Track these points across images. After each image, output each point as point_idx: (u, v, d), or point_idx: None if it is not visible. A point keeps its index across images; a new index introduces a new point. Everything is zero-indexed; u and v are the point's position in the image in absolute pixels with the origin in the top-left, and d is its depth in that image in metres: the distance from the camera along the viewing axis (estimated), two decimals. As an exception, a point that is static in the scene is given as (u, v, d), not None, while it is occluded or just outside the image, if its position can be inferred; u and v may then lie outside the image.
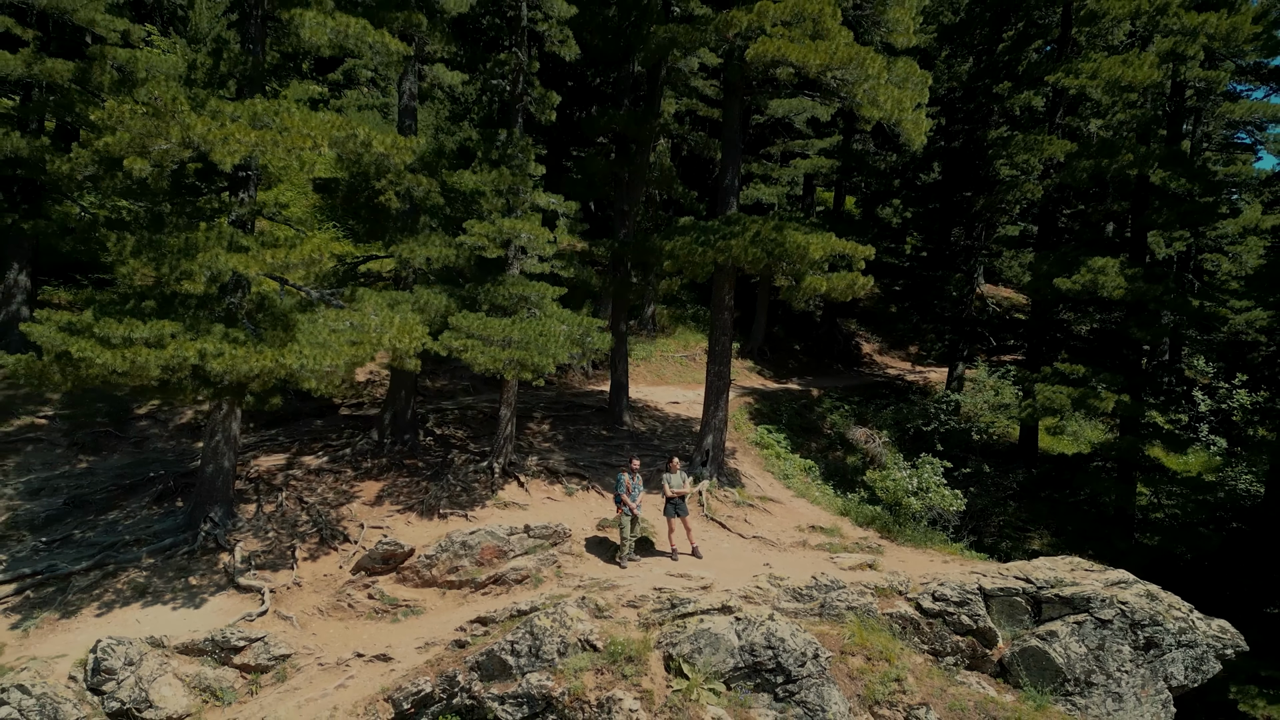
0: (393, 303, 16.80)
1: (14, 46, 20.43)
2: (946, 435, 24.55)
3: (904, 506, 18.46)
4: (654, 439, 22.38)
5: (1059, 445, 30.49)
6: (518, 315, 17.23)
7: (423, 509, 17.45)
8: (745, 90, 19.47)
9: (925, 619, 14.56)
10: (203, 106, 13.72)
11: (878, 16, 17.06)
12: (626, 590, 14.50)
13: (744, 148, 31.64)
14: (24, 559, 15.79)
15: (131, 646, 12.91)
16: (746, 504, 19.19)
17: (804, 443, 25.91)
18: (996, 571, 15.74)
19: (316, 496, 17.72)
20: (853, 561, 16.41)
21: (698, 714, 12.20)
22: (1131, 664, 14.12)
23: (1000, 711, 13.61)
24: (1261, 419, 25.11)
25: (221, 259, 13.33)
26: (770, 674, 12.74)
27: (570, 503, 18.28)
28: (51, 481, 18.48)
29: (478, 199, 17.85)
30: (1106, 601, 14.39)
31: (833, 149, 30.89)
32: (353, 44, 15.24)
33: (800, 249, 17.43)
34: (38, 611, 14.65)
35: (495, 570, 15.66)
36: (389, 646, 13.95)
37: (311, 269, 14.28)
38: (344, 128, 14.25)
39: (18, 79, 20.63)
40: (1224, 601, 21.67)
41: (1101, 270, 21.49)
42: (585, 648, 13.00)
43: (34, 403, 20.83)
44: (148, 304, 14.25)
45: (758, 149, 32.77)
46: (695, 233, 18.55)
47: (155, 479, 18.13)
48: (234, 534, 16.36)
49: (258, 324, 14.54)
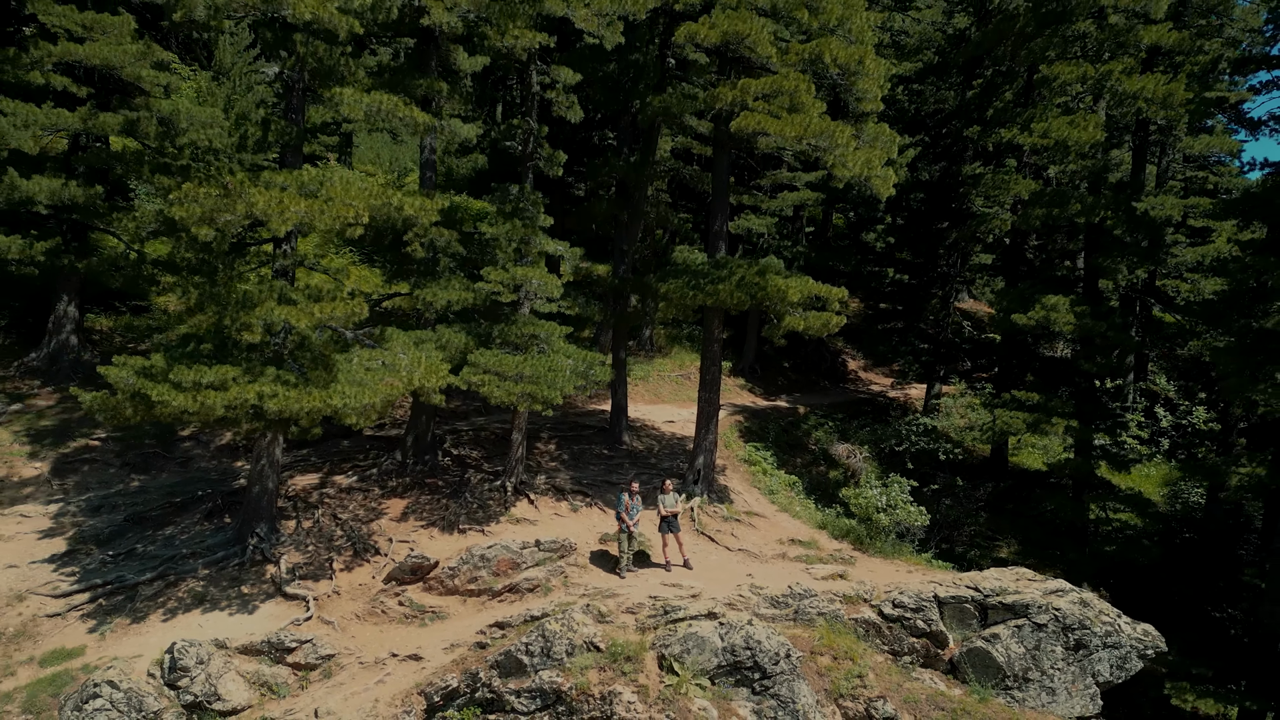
0: (418, 341, 18.91)
1: (71, 103, 22.50)
2: (918, 455, 26.69)
3: (874, 521, 20.60)
4: (651, 457, 24.53)
5: (1028, 460, 32.67)
6: (529, 352, 19.35)
7: (444, 525, 19.57)
8: (732, 146, 21.58)
9: (886, 623, 16.69)
10: (258, 177, 15.84)
11: (849, 86, 19.15)
12: (625, 598, 16.61)
13: (735, 179, 33.79)
14: (94, 570, 17.90)
15: (201, 648, 15.03)
16: (734, 519, 21.35)
17: (789, 459, 28.08)
18: (951, 581, 17.87)
19: (349, 513, 19.85)
20: (825, 572, 18.54)
21: (686, 705, 14.33)
22: (1063, 662, 16.26)
23: (948, 704, 15.75)
24: (1203, 441, 27.28)
25: (276, 312, 15.43)
26: (749, 671, 14.86)
27: (575, 518, 20.42)
28: (109, 499, 20.59)
29: (492, 245, 19.97)
30: (1043, 608, 16.53)
31: (819, 181, 33.06)
32: (384, 118, 17.36)
33: (780, 292, 19.58)
34: (111, 617, 16.77)
35: (510, 580, 17.77)
36: (419, 648, 16.07)
37: (350, 319, 16.36)
38: (380, 196, 16.36)
39: (74, 132, 22.72)
40: (1166, 607, 23.83)
41: (1054, 308, 23.68)
42: (590, 649, 15.12)
43: (87, 425, 22.90)
44: (205, 347, 16.41)
45: (748, 180, 34.89)
46: (686, 276, 20.68)
47: (204, 497, 20.24)
48: (278, 548, 18.48)
49: (302, 364, 16.64)
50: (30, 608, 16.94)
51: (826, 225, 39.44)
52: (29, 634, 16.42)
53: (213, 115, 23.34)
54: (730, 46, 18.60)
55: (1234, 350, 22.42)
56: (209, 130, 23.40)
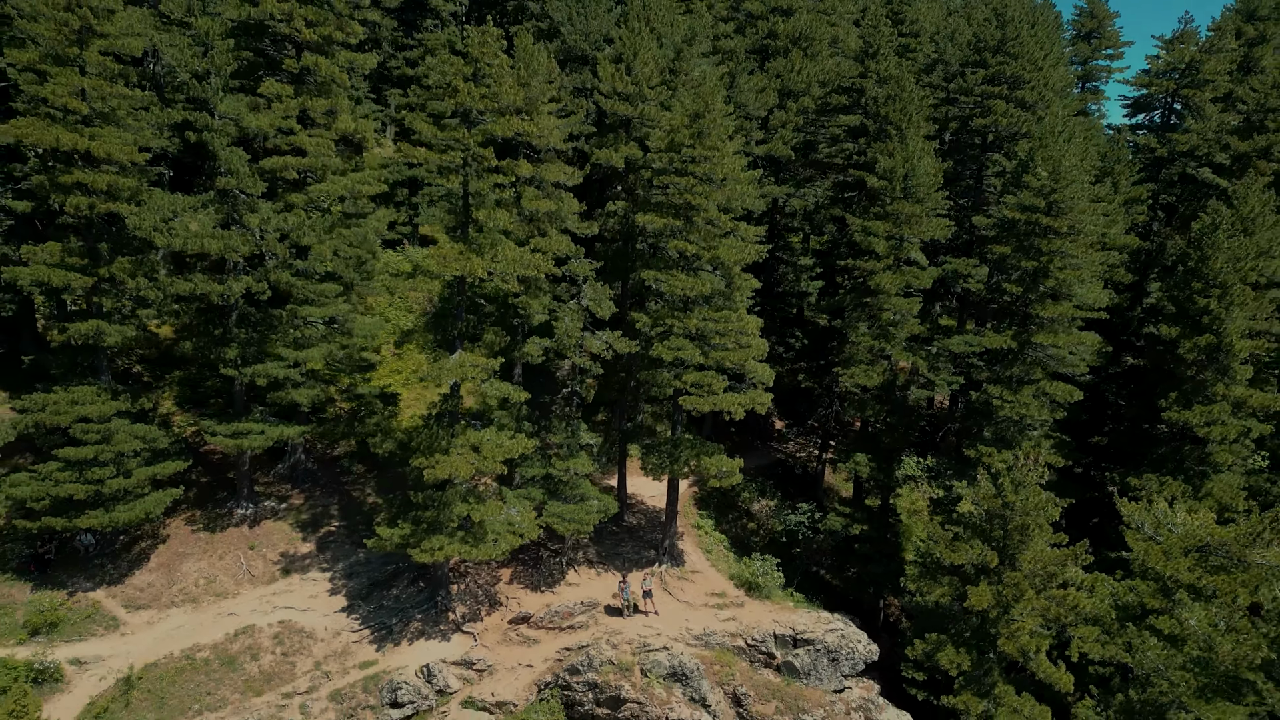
0: (521, 497, 36.82)
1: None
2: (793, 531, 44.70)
3: (754, 581, 39.03)
4: (640, 531, 42.86)
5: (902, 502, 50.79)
6: (577, 501, 37.32)
7: (532, 586, 38.09)
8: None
9: (748, 647, 35.36)
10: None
11: (743, 374, 36.47)
12: (625, 635, 35.23)
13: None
14: (367, 616, 36.43)
15: (440, 663, 33.71)
16: (683, 578, 39.85)
17: (723, 517, 46.40)
18: (785, 622, 36.43)
19: (482, 581, 38.32)
20: (725, 616, 37.12)
21: (653, 691, 33.15)
22: (828, 667, 34.99)
23: (773, 686, 34.55)
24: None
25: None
26: (681, 674, 33.59)
27: (599, 581, 38.91)
28: (354, 568, 38.98)
29: (553, 448, 37.65)
30: (820, 639, 35.16)
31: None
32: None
33: (716, 465, 37.42)
34: (383, 642, 35.37)
35: (569, 622, 36.36)
36: (530, 661, 34.77)
37: (495, 473, 34.25)
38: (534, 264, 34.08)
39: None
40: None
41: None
42: (609, 663, 33.82)
43: (328, 517, 41.12)
44: (428, 515, 34.38)
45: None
46: (656, 450, 38.46)
47: (405, 570, 38.59)
48: (452, 602, 36.99)
49: (471, 528, 34.59)
50: (341, 639, 35.55)
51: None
52: (347, 652, 35.08)
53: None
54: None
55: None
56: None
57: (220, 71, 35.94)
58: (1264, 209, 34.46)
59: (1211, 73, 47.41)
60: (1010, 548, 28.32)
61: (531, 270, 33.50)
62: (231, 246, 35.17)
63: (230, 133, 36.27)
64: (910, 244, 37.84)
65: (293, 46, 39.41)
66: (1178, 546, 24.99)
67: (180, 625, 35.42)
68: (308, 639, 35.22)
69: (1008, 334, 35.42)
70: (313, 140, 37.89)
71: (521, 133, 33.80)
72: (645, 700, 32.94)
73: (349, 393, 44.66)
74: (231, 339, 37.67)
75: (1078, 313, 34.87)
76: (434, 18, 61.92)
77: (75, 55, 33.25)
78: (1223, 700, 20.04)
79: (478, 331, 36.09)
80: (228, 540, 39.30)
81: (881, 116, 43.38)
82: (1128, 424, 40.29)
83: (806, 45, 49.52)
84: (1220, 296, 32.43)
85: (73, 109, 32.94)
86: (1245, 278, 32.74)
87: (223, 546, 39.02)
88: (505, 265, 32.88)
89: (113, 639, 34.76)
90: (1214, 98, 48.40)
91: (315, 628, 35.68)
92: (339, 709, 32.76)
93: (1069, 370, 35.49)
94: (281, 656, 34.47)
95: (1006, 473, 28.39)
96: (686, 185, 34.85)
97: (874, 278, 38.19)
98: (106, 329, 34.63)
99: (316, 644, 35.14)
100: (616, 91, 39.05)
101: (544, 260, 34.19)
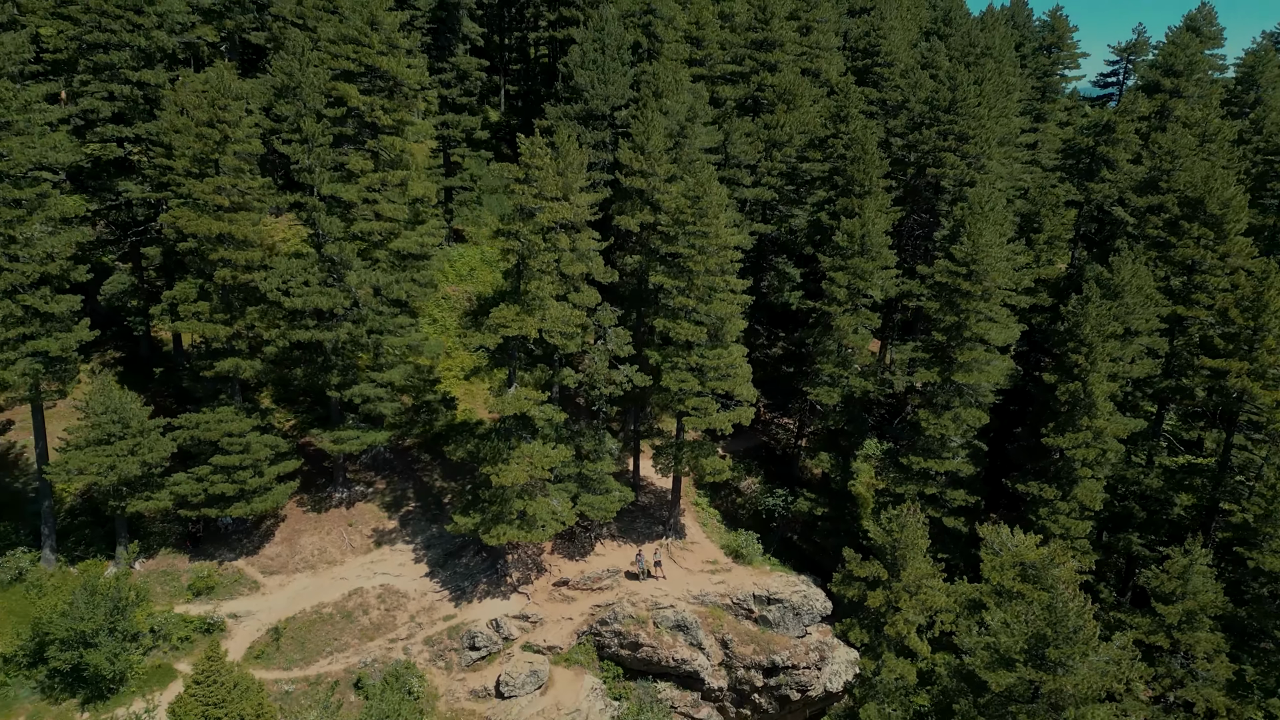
0: (560, 490, 47.95)
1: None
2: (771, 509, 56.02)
3: (739, 550, 50.53)
4: (651, 509, 54.22)
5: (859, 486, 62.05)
6: (603, 493, 48.50)
7: (568, 557, 49.65)
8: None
9: (733, 604, 47.05)
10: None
11: (731, 391, 47.22)
12: (640, 595, 46.88)
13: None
14: (445, 580, 48.03)
15: (504, 617, 45.41)
16: (685, 548, 51.36)
17: (717, 494, 57.72)
18: (763, 584, 47.99)
19: (531, 553, 49.82)
20: (717, 579, 48.73)
21: (662, 639, 44.97)
22: (793, 619, 46.70)
23: (752, 632, 46.31)
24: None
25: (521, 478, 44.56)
26: (683, 626, 45.36)
27: (620, 552, 50.45)
28: (431, 539, 50.44)
29: (584, 453, 48.64)
30: (786, 597, 46.79)
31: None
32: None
33: (713, 468, 48.56)
34: (459, 601, 46.98)
35: (597, 585, 47.96)
36: (571, 615, 46.50)
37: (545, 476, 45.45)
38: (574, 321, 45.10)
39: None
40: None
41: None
42: (629, 617, 45.54)
43: (407, 499, 52.43)
44: (493, 509, 45.60)
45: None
46: (665, 448, 49.55)
47: (471, 543, 50.03)
48: (510, 569, 48.53)
49: (527, 516, 45.77)
50: (428, 597, 47.17)
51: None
52: (433, 608, 46.72)
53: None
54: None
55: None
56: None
57: (322, 163, 45.71)
58: (1133, 278, 44.73)
59: (1123, 133, 56.80)
60: (897, 565, 40.42)
61: (570, 326, 44.00)
62: (337, 302, 45.53)
63: (329, 207, 46.32)
64: (865, 298, 48.30)
65: (371, 129, 49.01)
66: (1008, 562, 36.26)
67: (305, 587, 46.99)
68: (403, 598, 46.84)
69: (935, 370, 46.13)
70: (391, 207, 47.84)
71: (563, 219, 43.84)
72: (656, 645, 44.75)
73: (417, 397, 55.47)
74: (332, 367, 48.28)
75: (989, 355, 45.50)
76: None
77: (215, 158, 43.19)
78: (1003, 670, 31.35)
79: (529, 365, 46.68)
80: (331, 519, 50.70)
81: (848, 175, 53.21)
82: (1023, 440, 51.33)
83: (790, 100, 58.86)
84: (1087, 354, 42.87)
85: (218, 203, 43.04)
86: (1112, 334, 43.26)
87: (328, 524, 50.42)
88: (551, 324, 43.39)
89: (255, 598, 46.36)
90: (1128, 159, 57.98)
91: (407, 589, 47.28)
92: (431, 650, 44.54)
93: (981, 398, 46.29)
94: (385, 611, 46.14)
95: (896, 519, 40.48)
96: (688, 255, 45.10)
97: (835, 319, 48.74)
98: (243, 364, 45.45)
99: (409, 602, 46.78)
100: (633, 169, 48.91)
101: (579, 314, 44.66)
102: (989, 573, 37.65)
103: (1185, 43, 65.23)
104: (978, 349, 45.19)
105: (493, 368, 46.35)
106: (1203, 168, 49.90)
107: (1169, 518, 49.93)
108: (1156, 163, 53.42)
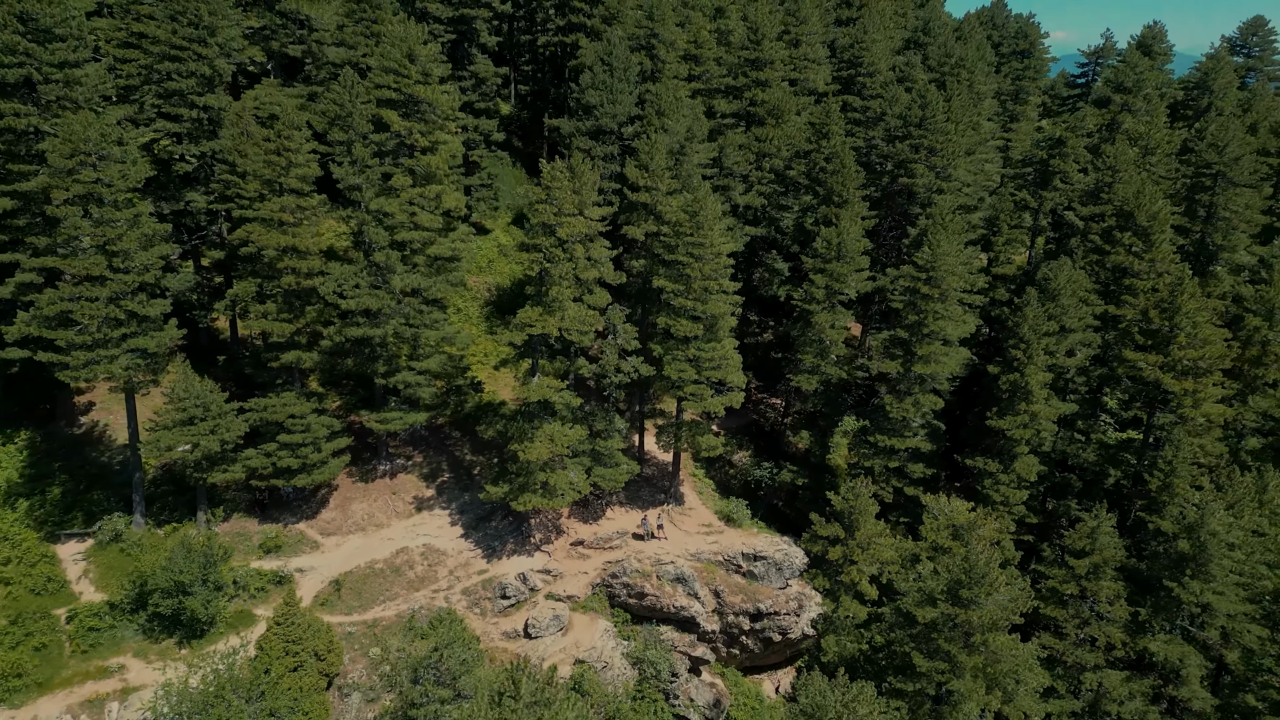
0: (577, 464, 55.72)
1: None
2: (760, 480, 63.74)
3: (731, 515, 58.46)
4: (654, 479, 62.06)
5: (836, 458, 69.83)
6: (613, 466, 56.29)
7: (583, 520, 57.59)
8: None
9: (725, 561, 55.07)
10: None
11: (725, 382, 54.79)
12: (645, 553, 54.90)
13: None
14: (478, 540, 56.00)
15: (530, 571, 53.43)
16: (683, 513, 59.26)
17: (712, 466, 65.51)
18: (750, 544, 55.96)
19: (551, 517, 57.72)
20: (711, 539, 56.70)
21: (664, 589, 53.08)
22: (775, 573, 54.73)
23: (739, 583, 54.42)
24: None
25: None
26: (681, 579, 53.43)
27: (627, 516, 58.40)
28: (465, 505, 58.35)
29: (596, 431, 56.35)
30: (770, 554, 54.81)
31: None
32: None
33: (706, 442, 56.28)
34: (491, 558, 54.95)
35: (609, 544, 55.94)
36: (586, 570, 54.55)
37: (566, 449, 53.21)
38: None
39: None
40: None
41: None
42: (636, 571, 53.60)
43: (442, 471, 60.24)
44: (519, 480, 53.39)
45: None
46: (666, 428, 57.28)
47: (499, 509, 57.91)
48: (533, 530, 56.46)
49: (549, 488, 53.53)
50: (463, 555, 55.15)
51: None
52: (468, 564, 54.73)
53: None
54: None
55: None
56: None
57: (370, 181, 52.88)
58: (1068, 282, 52.18)
59: (1073, 147, 63.76)
60: (853, 527, 48.46)
61: (585, 325, 51.49)
62: (384, 302, 52.94)
63: (378, 220, 53.61)
64: (841, 296, 55.78)
65: (409, 149, 56.06)
66: (944, 525, 44.17)
67: (358, 546, 54.94)
68: (442, 555, 54.82)
69: (898, 362, 53.76)
70: (428, 217, 55.06)
71: (579, 233, 51.13)
72: (659, 594, 52.81)
73: (449, 382, 63.03)
74: (378, 357, 55.80)
75: (945, 349, 53.08)
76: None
77: (280, 181, 50.43)
78: (928, 606, 39.52)
79: (550, 357, 54.22)
80: (377, 488, 58.54)
81: (828, 186, 60.36)
82: (973, 422, 59.09)
83: (779, 116, 65.82)
84: (1025, 350, 50.38)
85: (283, 219, 50.34)
86: (1048, 331, 50.84)
87: (374, 492, 58.28)
88: (569, 322, 50.87)
89: (316, 555, 54.32)
90: (1077, 170, 65.05)
91: (446, 548, 55.24)
92: (468, 599, 52.58)
93: (939, 385, 53.92)
94: (427, 567, 54.11)
95: (852, 490, 48.42)
96: (687, 262, 52.48)
97: (815, 316, 56.24)
98: (304, 356, 53.00)
99: (448, 558, 54.76)
100: (639, 185, 56.12)
101: (593, 315, 52.12)
102: (928, 533, 45.73)
103: (1135, 61, 71.89)
104: (935, 344, 52.73)
105: (518, 359, 53.87)
106: (1136, 181, 57.09)
107: (1105, 487, 57.79)
108: (1099, 175, 60.49)
